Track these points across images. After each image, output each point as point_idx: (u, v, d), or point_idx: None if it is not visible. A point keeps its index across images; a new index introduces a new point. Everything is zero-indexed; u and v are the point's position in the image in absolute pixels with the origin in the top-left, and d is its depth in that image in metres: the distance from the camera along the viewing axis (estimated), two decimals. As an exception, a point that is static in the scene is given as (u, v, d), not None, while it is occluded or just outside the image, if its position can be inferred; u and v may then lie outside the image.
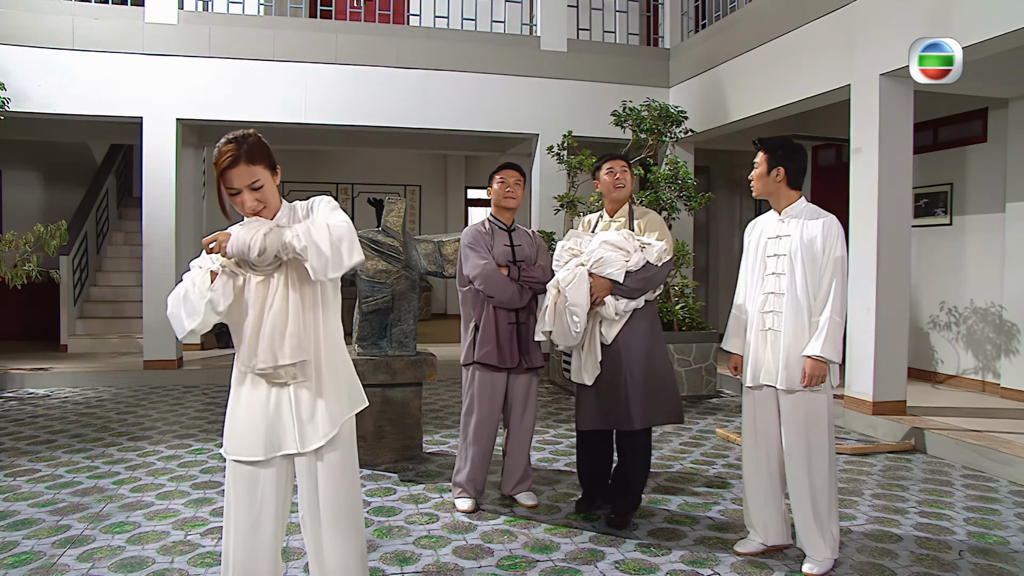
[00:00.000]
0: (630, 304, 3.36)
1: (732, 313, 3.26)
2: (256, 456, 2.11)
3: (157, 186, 7.36)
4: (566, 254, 3.49)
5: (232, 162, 2.02)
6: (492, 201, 3.76)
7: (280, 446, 2.12)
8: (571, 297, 3.27)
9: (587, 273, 3.31)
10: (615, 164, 3.62)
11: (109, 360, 8.05)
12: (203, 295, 2.01)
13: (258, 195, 2.07)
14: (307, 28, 7.66)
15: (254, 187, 2.06)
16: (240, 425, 2.13)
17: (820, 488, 2.95)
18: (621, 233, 3.43)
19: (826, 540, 2.96)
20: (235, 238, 1.98)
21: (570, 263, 3.42)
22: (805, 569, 2.97)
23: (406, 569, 2.99)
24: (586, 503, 3.70)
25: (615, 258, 3.31)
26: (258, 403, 2.12)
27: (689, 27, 8.52)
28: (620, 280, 3.29)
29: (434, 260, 4.50)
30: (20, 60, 6.89)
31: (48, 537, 3.28)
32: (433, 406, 6.25)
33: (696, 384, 6.82)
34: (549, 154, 7.53)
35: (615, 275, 3.29)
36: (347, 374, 2.24)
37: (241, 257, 1.98)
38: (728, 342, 3.25)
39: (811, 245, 2.96)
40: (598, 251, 3.33)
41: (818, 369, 2.90)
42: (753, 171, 3.13)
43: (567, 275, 3.34)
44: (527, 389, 3.73)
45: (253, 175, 2.05)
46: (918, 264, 6.87)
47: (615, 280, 3.29)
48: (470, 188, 13.66)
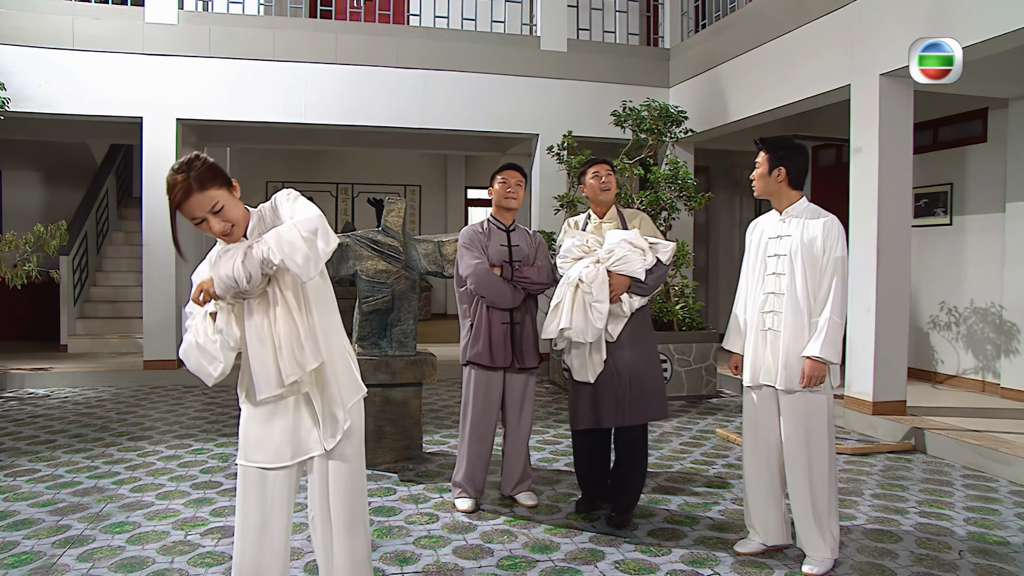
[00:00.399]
0: (641, 301, 3.42)
1: (733, 312, 3.27)
2: (284, 463, 2.13)
3: (157, 186, 7.34)
4: (576, 251, 3.50)
5: (185, 194, 1.96)
6: (493, 201, 3.76)
7: (306, 449, 2.15)
8: (596, 293, 3.30)
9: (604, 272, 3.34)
10: (600, 168, 3.65)
11: (109, 360, 8.05)
12: (213, 340, 2.02)
13: (222, 216, 2.03)
14: (307, 28, 7.66)
15: (215, 211, 2.01)
16: (260, 432, 2.14)
17: (820, 488, 2.95)
18: (633, 232, 3.46)
19: (826, 540, 2.96)
20: (217, 278, 1.97)
21: (584, 261, 3.43)
22: (805, 569, 2.97)
23: (406, 569, 2.99)
24: (586, 503, 3.70)
25: (636, 257, 3.36)
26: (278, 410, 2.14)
27: (689, 27, 8.52)
28: (642, 278, 3.35)
29: (434, 260, 4.50)
30: (20, 60, 6.88)
31: (48, 537, 3.27)
32: (433, 406, 6.25)
33: (696, 384, 6.82)
34: (549, 154, 7.53)
35: (638, 273, 3.34)
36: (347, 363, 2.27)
37: (231, 292, 1.99)
38: (729, 341, 3.26)
39: (811, 245, 2.96)
40: (619, 249, 3.37)
41: (817, 370, 2.90)
42: (755, 171, 3.13)
43: (590, 271, 3.34)
44: (524, 389, 3.73)
45: (211, 200, 2.00)
46: (918, 264, 6.87)
47: (636, 278, 3.35)
48: (470, 188, 13.66)
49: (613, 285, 3.35)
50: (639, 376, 3.42)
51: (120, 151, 10.84)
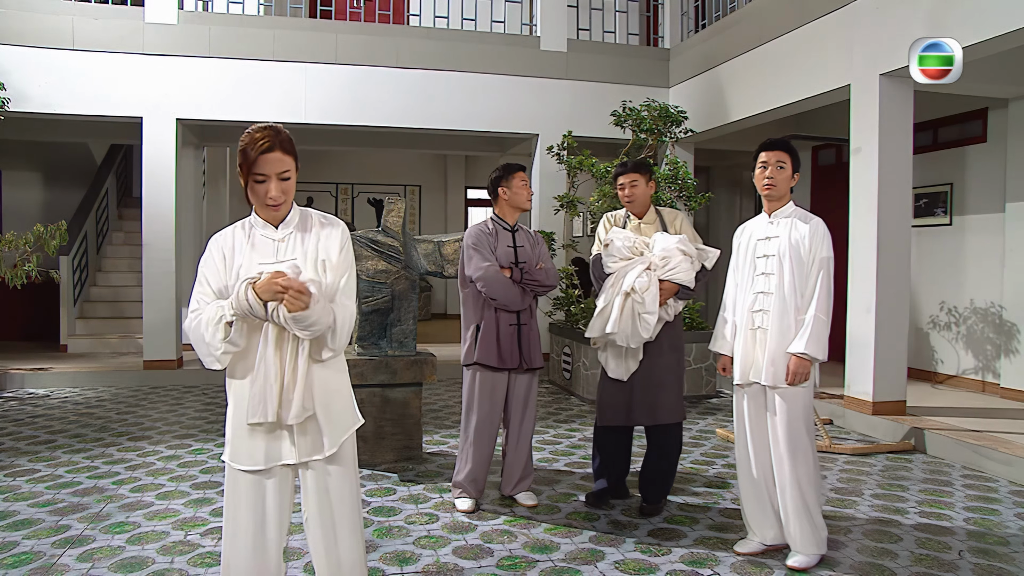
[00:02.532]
0: (682, 304, 3.54)
1: (720, 315, 3.31)
2: (257, 466, 2.11)
3: (157, 186, 7.36)
4: (627, 251, 3.54)
5: (269, 147, 2.01)
6: (509, 203, 3.74)
7: (279, 456, 2.12)
8: (649, 304, 3.37)
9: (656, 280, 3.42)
10: (625, 179, 3.71)
11: (109, 360, 8.05)
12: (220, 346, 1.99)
13: (284, 186, 2.07)
14: (307, 28, 7.66)
15: (283, 176, 2.06)
16: (240, 433, 2.12)
17: (807, 483, 2.99)
18: (683, 238, 3.54)
19: (814, 534, 3.00)
20: (312, 309, 1.97)
21: (636, 267, 3.46)
22: (790, 562, 3.00)
23: (406, 569, 2.99)
24: (598, 498, 3.76)
25: (688, 265, 3.45)
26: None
27: (689, 27, 8.52)
28: (692, 287, 3.45)
29: (434, 260, 4.50)
30: (20, 60, 6.88)
31: (48, 537, 3.27)
32: (433, 406, 6.25)
33: (696, 384, 6.82)
34: (549, 154, 7.53)
35: (689, 282, 3.44)
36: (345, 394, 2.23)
37: (298, 320, 1.97)
38: (715, 343, 3.30)
39: (799, 246, 3.02)
40: (674, 256, 3.44)
41: (802, 366, 2.95)
42: (778, 172, 3.09)
43: (643, 281, 3.40)
44: (527, 389, 3.74)
45: (285, 164, 2.05)
46: (918, 264, 6.87)
47: (686, 285, 3.44)
48: (470, 188, 13.66)
49: (662, 291, 3.44)
50: (663, 377, 3.55)
51: (120, 151, 10.84)
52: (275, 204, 2.07)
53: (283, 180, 2.06)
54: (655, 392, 3.54)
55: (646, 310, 3.37)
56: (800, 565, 2.99)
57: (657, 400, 3.54)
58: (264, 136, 2.02)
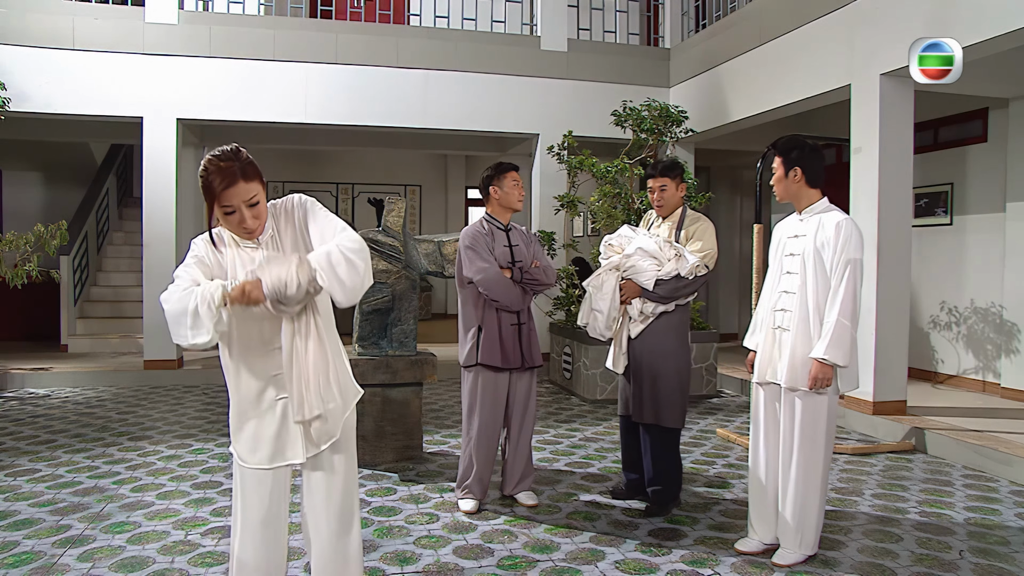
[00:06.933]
0: (658, 307, 3.58)
1: (755, 311, 3.33)
2: (262, 465, 2.13)
3: (157, 186, 7.36)
4: (607, 250, 3.71)
5: (232, 181, 1.95)
6: (502, 202, 3.73)
7: (284, 456, 2.14)
8: (595, 301, 3.59)
9: (615, 280, 3.55)
10: (654, 184, 3.76)
11: (109, 360, 8.05)
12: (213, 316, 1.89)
13: (255, 211, 2.02)
14: (307, 28, 7.66)
15: (252, 203, 2.00)
16: (246, 433, 2.14)
17: (812, 488, 2.97)
18: (657, 241, 3.58)
19: (805, 537, 3.00)
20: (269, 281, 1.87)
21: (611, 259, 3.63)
22: (775, 558, 3.02)
23: (406, 569, 2.99)
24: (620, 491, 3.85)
25: (647, 266, 3.53)
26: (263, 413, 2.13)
27: (689, 27, 8.52)
28: (650, 288, 3.53)
29: (434, 260, 4.49)
30: (20, 60, 6.89)
31: (48, 537, 3.28)
32: (433, 406, 6.25)
33: (696, 384, 6.81)
34: (549, 154, 7.53)
35: (646, 284, 3.53)
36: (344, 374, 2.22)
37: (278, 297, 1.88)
38: (748, 339, 3.29)
39: (824, 246, 2.93)
40: (633, 258, 3.55)
41: (823, 372, 2.88)
42: (772, 177, 3.12)
43: (599, 280, 3.60)
44: (528, 389, 3.74)
45: (251, 191, 1.99)
46: (918, 264, 6.87)
47: (645, 287, 3.54)
48: (470, 188, 13.64)
49: (625, 290, 3.58)
50: (653, 378, 3.58)
51: (120, 151, 10.85)
52: (250, 231, 2.04)
53: (252, 206, 2.01)
54: (646, 390, 3.58)
55: (594, 306, 3.60)
56: (784, 562, 3.00)
57: (647, 398, 3.58)
58: (225, 170, 1.94)
